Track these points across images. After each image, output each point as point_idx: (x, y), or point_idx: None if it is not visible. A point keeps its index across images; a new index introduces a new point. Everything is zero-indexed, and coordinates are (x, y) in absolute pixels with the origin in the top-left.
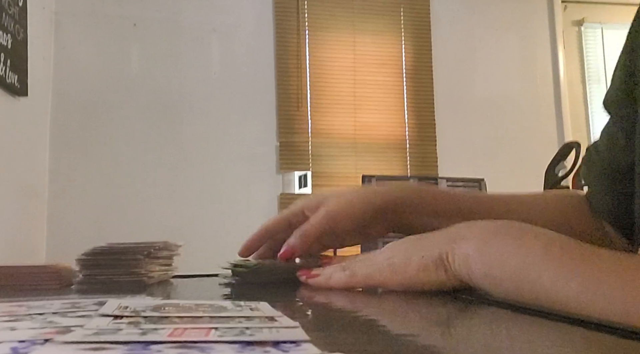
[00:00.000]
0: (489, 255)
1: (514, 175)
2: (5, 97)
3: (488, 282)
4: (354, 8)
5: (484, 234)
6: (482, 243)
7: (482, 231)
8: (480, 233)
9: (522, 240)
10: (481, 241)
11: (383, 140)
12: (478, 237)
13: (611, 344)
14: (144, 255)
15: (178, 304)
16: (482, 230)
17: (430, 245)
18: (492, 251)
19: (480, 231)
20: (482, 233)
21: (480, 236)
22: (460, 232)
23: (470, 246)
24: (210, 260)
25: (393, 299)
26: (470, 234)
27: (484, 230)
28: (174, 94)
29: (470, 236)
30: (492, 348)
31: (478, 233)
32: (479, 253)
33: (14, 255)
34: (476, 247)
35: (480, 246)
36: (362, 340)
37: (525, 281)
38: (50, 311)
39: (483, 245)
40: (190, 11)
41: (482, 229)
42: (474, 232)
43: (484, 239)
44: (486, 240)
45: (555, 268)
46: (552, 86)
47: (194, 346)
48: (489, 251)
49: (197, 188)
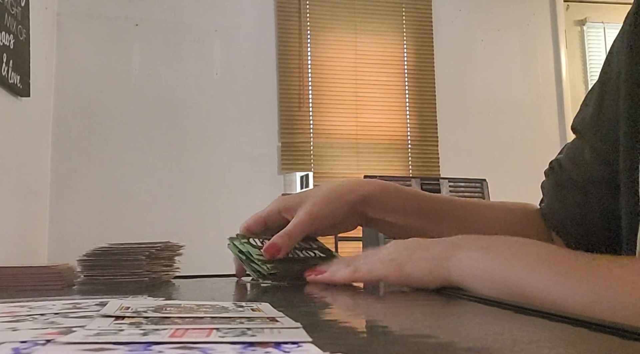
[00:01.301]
0: (490, 261)
1: (516, 175)
2: (8, 98)
3: (487, 289)
4: (356, 8)
5: (482, 243)
6: (483, 250)
7: (481, 240)
8: (479, 242)
9: (520, 248)
10: (479, 249)
11: (385, 141)
12: (477, 245)
13: (612, 344)
14: (146, 255)
15: (179, 305)
16: (481, 240)
17: (432, 248)
18: (493, 257)
19: (480, 240)
20: (481, 242)
21: (479, 245)
22: (462, 240)
23: (471, 252)
24: (211, 261)
25: (394, 300)
26: (470, 243)
27: (483, 240)
28: (176, 95)
29: (470, 245)
30: (493, 348)
31: (477, 242)
32: (479, 259)
33: (16, 255)
34: (476, 253)
35: (480, 253)
36: (363, 341)
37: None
38: (51, 311)
39: (484, 252)
40: (191, 12)
41: (482, 239)
42: (474, 241)
43: (483, 247)
44: (484, 248)
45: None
46: (555, 86)
47: (195, 347)
48: (490, 257)
49: (199, 188)
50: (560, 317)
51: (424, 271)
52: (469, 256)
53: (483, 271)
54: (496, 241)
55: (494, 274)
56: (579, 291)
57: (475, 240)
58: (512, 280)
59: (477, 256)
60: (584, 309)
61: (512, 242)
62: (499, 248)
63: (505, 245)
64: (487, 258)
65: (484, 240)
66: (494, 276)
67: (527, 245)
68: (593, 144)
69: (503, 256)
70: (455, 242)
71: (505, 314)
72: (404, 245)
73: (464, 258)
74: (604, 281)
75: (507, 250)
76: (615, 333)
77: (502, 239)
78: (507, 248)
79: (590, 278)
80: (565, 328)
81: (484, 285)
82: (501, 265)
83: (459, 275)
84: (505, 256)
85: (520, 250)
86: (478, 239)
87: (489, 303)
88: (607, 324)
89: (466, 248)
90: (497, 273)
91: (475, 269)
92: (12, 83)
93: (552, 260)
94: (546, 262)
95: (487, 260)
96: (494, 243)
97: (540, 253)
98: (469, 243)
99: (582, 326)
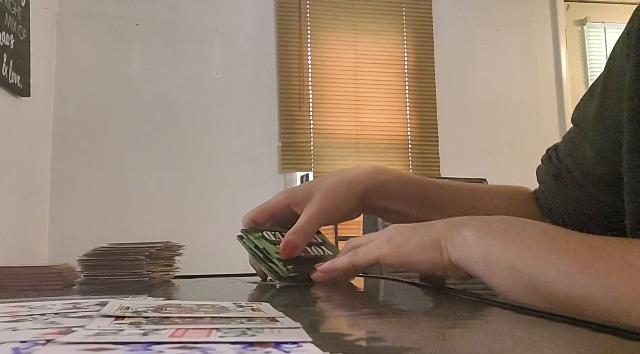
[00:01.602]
0: (488, 240)
1: (516, 174)
2: (8, 98)
3: (484, 266)
4: (356, 8)
5: (483, 223)
6: (482, 229)
7: (482, 220)
8: (480, 222)
9: (520, 228)
10: (481, 227)
11: (385, 140)
12: (478, 225)
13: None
14: (146, 255)
15: (179, 305)
16: (481, 220)
17: (430, 229)
18: (491, 236)
19: (480, 220)
20: (482, 222)
21: (480, 224)
22: (461, 221)
23: (470, 232)
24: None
25: (394, 299)
26: (470, 222)
27: (483, 220)
28: (176, 95)
29: (470, 224)
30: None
31: (477, 221)
32: (478, 237)
33: (16, 255)
34: (476, 232)
35: (479, 232)
36: (363, 341)
37: (522, 264)
38: (51, 311)
39: (483, 231)
40: (192, 12)
41: (482, 219)
42: (474, 221)
43: (484, 226)
44: (486, 227)
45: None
46: (555, 86)
47: (195, 347)
48: (488, 236)
49: (199, 188)
50: (561, 317)
51: (421, 252)
52: (467, 236)
53: (482, 251)
54: (495, 222)
55: (492, 254)
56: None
57: (473, 220)
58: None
59: (475, 236)
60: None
61: (511, 223)
62: (498, 228)
63: (501, 225)
64: (485, 238)
65: (483, 220)
66: (490, 257)
67: (528, 226)
68: (594, 142)
69: (501, 237)
70: (454, 223)
71: (505, 315)
72: (402, 227)
73: (461, 238)
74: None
75: (505, 230)
76: (615, 333)
77: (501, 219)
78: (505, 228)
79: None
80: (566, 328)
81: (480, 266)
82: (499, 245)
83: (458, 255)
84: (503, 237)
85: (522, 232)
86: (476, 220)
87: (489, 303)
88: (607, 324)
89: (465, 228)
90: (494, 253)
91: (473, 249)
92: (12, 83)
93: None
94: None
95: (485, 240)
96: (493, 224)
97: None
98: (467, 224)
99: (582, 326)
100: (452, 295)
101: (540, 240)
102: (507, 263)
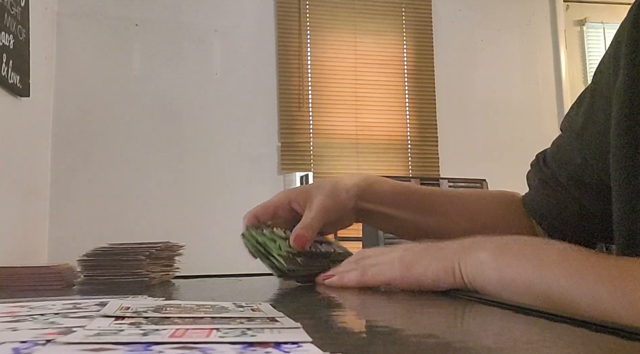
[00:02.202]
0: (503, 260)
1: (516, 175)
2: (8, 98)
3: (501, 286)
4: (356, 8)
5: (497, 244)
6: (496, 250)
7: (499, 241)
8: (493, 243)
9: (537, 247)
10: (495, 248)
11: (384, 141)
12: (492, 246)
13: (613, 345)
14: (146, 255)
15: (179, 305)
16: (495, 241)
17: (443, 250)
18: (506, 256)
19: (497, 241)
20: (495, 243)
21: (494, 246)
22: (475, 242)
23: (485, 253)
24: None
25: (394, 300)
26: (486, 244)
27: (500, 240)
28: (176, 95)
29: (484, 246)
30: (494, 349)
31: (491, 243)
32: (493, 259)
33: (16, 255)
34: (490, 254)
35: (494, 253)
36: (363, 341)
37: (540, 283)
38: (52, 311)
39: (497, 252)
40: (191, 12)
41: (499, 240)
42: (490, 242)
43: (498, 247)
44: (502, 248)
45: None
46: (554, 86)
47: (195, 347)
48: (503, 257)
49: (199, 189)
50: (561, 317)
51: (434, 273)
52: (482, 257)
53: (496, 272)
54: (513, 242)
55: (507, 274)
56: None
57: (489, 241)
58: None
59: (491, 258)
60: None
61: (529, 242)
62: (515, 247)
63: (517, 245)
64: (499, 260)
65: (500, 241)
66: (506, 276)
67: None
68: (582, 150)
69: (518, 256)
70: (466, 244)
71: (505, 314)
72: (413, 247)
73: (476, 260)
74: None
75: (522, 249)
76: (615, 333)
77: (513, 240)
78: (522, 247)
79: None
80: (566, 328)
81: (495, 286)
82: (515, 264)
83: (472, 277)
84: (520, 256)
85: (539, 250)
86: (493, 241)
87: (489, 303)
88: (607, 325)
89: (480, 250)
90: (510, 272)
91: (488, 270)
92: (12, 83)
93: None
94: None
95: (501, 261)
96: (510, 243)
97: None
98: (483, 245)
99: (582, 326)
100: (452, 295)
101: (558, 258)
102: (524, 281)
